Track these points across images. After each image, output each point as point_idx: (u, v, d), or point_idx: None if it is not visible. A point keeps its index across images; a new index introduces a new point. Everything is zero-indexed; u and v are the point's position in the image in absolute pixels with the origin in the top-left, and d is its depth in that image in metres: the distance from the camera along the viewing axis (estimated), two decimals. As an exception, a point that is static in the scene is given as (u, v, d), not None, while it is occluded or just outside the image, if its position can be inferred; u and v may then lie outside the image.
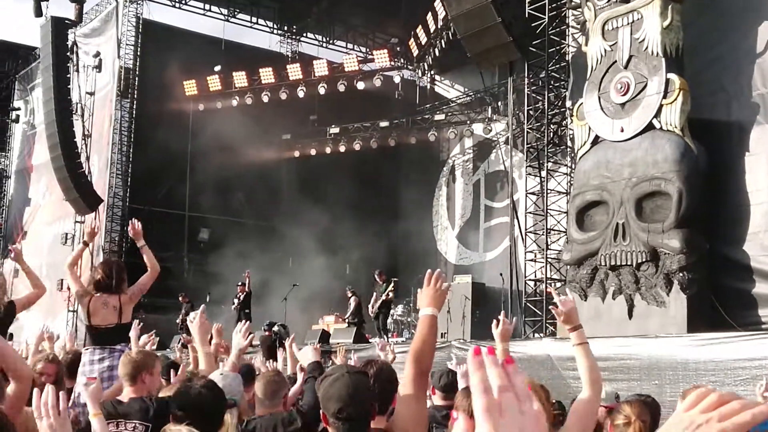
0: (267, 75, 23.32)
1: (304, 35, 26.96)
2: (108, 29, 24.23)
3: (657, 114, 11.86)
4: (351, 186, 22.42)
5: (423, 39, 21.88)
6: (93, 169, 23.31)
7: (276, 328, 15.58)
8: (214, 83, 23.52)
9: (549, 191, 15.54)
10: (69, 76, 22.55)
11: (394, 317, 18.29)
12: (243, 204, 24.24)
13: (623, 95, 12.34)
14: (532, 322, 14.75)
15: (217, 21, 25.05)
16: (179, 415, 3.48)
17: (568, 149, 15.65)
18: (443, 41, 20.62)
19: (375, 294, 16.99)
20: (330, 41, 26.93)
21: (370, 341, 15.49)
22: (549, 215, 15.32)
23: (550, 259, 14.95)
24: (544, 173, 15.62)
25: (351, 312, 17.31)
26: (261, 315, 17.89)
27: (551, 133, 15.59)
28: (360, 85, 22.75)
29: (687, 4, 12.29)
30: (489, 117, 21.91)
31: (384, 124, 23.59)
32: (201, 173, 22.96)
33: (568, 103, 15.16)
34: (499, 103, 21.71)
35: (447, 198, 24.56)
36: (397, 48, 25.21)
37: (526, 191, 16.09)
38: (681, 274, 11.20)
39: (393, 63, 23.83)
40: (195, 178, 23.39)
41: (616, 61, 12.54)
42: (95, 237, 8.75)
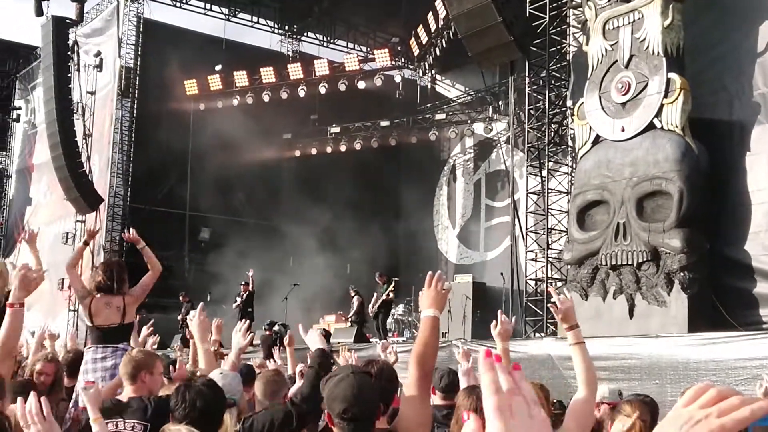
0: (268, 74, 23.31)
1: (304, 35, 26.94)
2: (109, 29, 24.22)
3: (658, 113, 11.85)
4: (352, 185, 22.40)
5: (424, 38, 21.87)
6: (94, 169, 23.30)
7: (277, 327, 15.59)
8: (214, 83, 23.51)
9: (550, 191, 15.53)
10: (70, 75, 22.60)
11: (394, 317, 18.29)
12: (244, 203, 24.22)
13: (624, 95, 12.32)
14: (533, 321, 14.75)
15: (218, 20, 25.08)
16: (178, 415, 3.48)
17: (568, 149, 15.64)
18: (444, 41, 20.62)
19: (376, 294, 17.00)
20: (331, 41, 26.91)
21: (370, 341, 15.49)
22: (550, 215, 15.32)
23: (550, 259, 14.94)
24: (544, 173, 15.61)
25: (354, 311, 17.33)
26: (262, 314, 17.91)
27: (552, 133, 15.58)
28: (361, 85, 22.75)
29: (688, 3, 12.27)
30: (490, 116, 21.91)
31: (385, 123, 23.57)
32: (202, 173, 22.96)
33: (568, 103, 15.15)
34: (500, 103, 21.69)
35: (448, 197, 24.54)
36: (398, 47, 25.19)
37: (526, 191, 16.08)
38: (682, 273, 11.19)
39: (394, 62, 23.82)
40: (196, 177, 23.40)
41: (616, 61, 12.53)
42: (95, 237, 8.75)
